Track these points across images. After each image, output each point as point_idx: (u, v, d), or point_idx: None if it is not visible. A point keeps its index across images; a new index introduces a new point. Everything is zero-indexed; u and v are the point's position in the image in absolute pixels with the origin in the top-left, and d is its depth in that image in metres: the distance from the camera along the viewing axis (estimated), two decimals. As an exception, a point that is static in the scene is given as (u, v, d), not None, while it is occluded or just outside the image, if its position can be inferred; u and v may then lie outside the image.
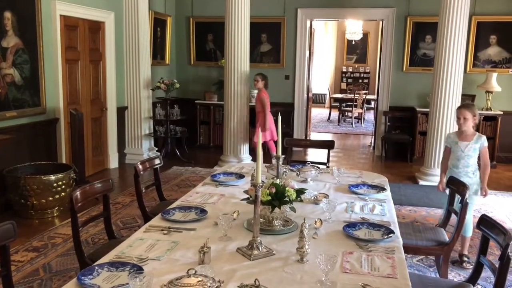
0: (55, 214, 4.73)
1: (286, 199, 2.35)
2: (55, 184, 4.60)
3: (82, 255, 2.56)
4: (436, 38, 6.14)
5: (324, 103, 15.19)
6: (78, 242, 2.56)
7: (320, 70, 14.75)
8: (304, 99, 8.18)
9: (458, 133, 3.76)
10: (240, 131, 6.70)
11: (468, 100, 7.09)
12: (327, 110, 13.39)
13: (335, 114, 12.67)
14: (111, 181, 2.92)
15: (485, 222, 2.39)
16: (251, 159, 6.76)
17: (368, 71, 15.20)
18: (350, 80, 15.28)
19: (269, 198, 2.31)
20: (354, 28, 13.06)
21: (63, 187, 4.67)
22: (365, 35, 14.57)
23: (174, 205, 2.80)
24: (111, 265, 1.97)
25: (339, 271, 1.97)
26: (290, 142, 4.60)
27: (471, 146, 3.65)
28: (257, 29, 7.63)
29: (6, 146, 4.65)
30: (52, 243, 4.04)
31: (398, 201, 5.29)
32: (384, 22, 7.79)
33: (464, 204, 2.98)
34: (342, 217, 2.65)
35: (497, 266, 2.21)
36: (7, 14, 4.68)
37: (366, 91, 12.67)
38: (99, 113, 6.48)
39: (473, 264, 2.61)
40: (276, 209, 2.36)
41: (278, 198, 2.33)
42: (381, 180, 3.51)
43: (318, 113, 13.71)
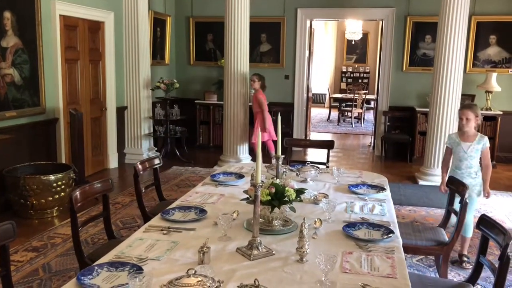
0: (54, 214, 4.73)
1: (286, 199, 2.35)
2: (54, 184, 4.60)
3: (82, 255, 2.56)
4: (436, 38, 6.14)
5: (324, 103, 15.19)
6: (78, 242, 2.55)
7: (320, 70, 14.75)
8: (303, 99, 8.18)
9: (460, 134, 3.72)
10: (239, 131, 6.70)
11: (468, 100, 7.09)
12: (327, 110, 13.40)
13: (334, 114, 12.68)
14: (110, 181, 2.91)
15: (484, 222, 2.39)
16: (250, 159, 6.76)
17: (368, 71, 15.20)
18: (349, 80, 15.28)
19: (268, 198, 2.31)
20: (354, 28, 13.07)
21: (63, 187, 4.67)
22: (365, 35, 14.58)
23: (173, 205, 2.80)
24: (110, 265, 1.96)
25: (339, 271, 1.97)
26: (289, 142, 4.60)
27: (474, 146, 3.62)
28: (256, 29, 7.63)
29: (5, 146, 4.64)
30: (51, 243, 4.04)
31: (398, 201, 5.29)
32: (384, 22, 7.79)
33: (464, 204, 2.97)
34: (342, 217, 2.65)
35: (496, 266, 2.21)
36: (7, 14, 4.68)
37: (365, 91, 12.68)
38: (99, 113, 6.48)
39: (473, 264, 2.61)
40: (276, 209, 2.36)
41: (277, 198, 2.33)
42: (381, 180, 3.51)
43: (318, 113, 13.72)
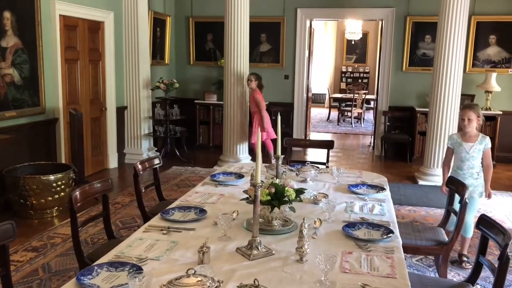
0: (54, 214, 4.73)
1: (286, 199, 2.35)
2: (54, 184, 4.60)
3: (82, 255, 2.56)
4: (435, 38, 6.15)
5: (324, 103, 15.19)
6: (78, 242, 2.55)
7: (320, 70, 14.75)
8: (303, 99, 8.18)
9: (462, 134, 3.69)
10: (239, 131, 6.70)
11: (467, 100, 7.09)
12: (327, 110, 13.40)
13: (334, 114, 12.68)
14: (110, 181, 2.91)
15: (484, 222, 2.39)
16: (250, 159, 6.77)
17: (368, 71, 15.20)
18: (349, 80, 15.28)
19: (268, 198, 2.31)
20: (354, 28, 13.06)
21: (63, 187, 4.67)
22: (365, 35, 14.58)
23: (173, 205, 2.80)
24: (110, 265, 1.96)
25: (339, 271, 1.97)
26: (289, 142, 4.60)
27: (476, 147, 3.60)
28: (256, 29, 7.63)
29: (5, 146, 4.64)
30: (51, 243, 4.04)
31: (398, 201, 5.29)
32: (383, 22, 7.79)
33: (464, 204, 2.97)
34: (342, 217, 2.65)
35: (496, 266, 2.21)
36: (7, 14, 4.68)
37: (365, 91, 12.67)
38: (99, 113, 6.48)
39: (473, 264, 2.61)
40: (276, 209, 2.36)
41: (277, 198, 2.33)
42: (381, 180, 3.51)
43: (318, 113, 13.72)
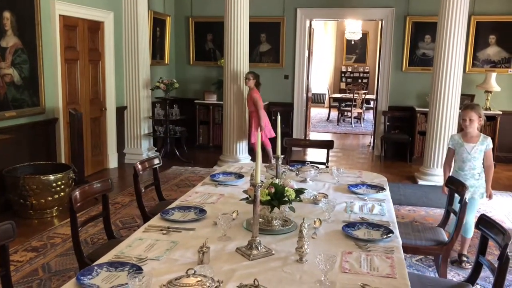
0: (54, 214, 4.73)
1: (285, 199, 2.35)
2: (54, 184, 4.60)
3: (81, 255, 2.56)
4: (435, 38, 6.14)
5: (324, 103, 15.19)
6: (77, 242, 2.55)
7: (320, 70, 14.74)
8: (303, 99, 8.18)
9: (463, 135, 3.67)
10: (239, 131, 6.70)
11: (467, 100, 7.10)
12: (327, 110, 13.40)
13: (334, 114, 12.67)
14: (110, 181, 2.91)
15: (484, 221, 2.39)
16: (250, 159, 6.76)
17: (368, 71, 15.20)
18: (349, 80, 15.28)
19: (268, 198, 2.31)
20: (354, 28, 13.06)
21: (62, 187, 4.67)
22: (365, 35, 14.58)
23: (173, 205, 2.80)
24: (110, 265, 1.96)
25: (338, 271, 1.97)
26: (289, 142, 4.60)
27: (477, 148, 3.58)
28: (256, 29, 7.63)
29: (5, 146, 4.64)
30: (51, 243, 4.04)
31: (397, 201, 5.29)
32: (383, 22, 7.79)
33: (464, 204, 2.97)
34: (341, 217, 2.65)
35: (496, 266, 2.21)
36: (6, 14, 4.68)
37: (365, 91, 12.67)
38: (99, 113, 6.48)
39: (472, 264, 2.61)
40: (275, 209, 2.36)
41: (277, 198, 2.33)
42: (381, 180, 3.51)
43: (318, 113, 13.72)
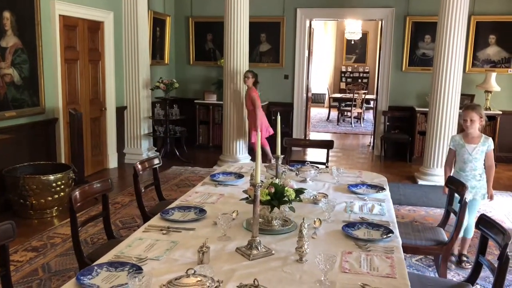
0: (54, 214, 4.73)
1: (285, 199, 2.35)
2: (54, 184, 4.60)
3: (81, 255, 2.56)
4: (435, 37, 6.14)
5: (323, 103, 15.19)
6: (77, 242, 2.55)
7: (319, 69, 14.74)
8: (303, 98, 8.18)
9: (464, 136, 3.64)
10: (239, 131, 6.70)
11: (467, 100, 7.10)
12: (326, 110, 13.40)
13: (334, 114, 12.67)
14: (110, 181, 2.91)
15: (484, 221, 2.39)
16: (250, 159, 6.76)
17: (367, 70, 15.20)
18: (349, 80, 15.28)
19: (268, 198, 2.31)
20: (354, 27, 13.06)
21: (62, 187, 4.67)
22: (364, 35, 14.57)
23: (173, 205, 2.80)
24: (110, 265, 1.96)
25: (338, 270, 1.97)
26: (289, 142, 4.60)
27: (479, 148, 3.56)
28: (256, 28, 7.63)
29: (5, 146, 4.64)
30: (51, 243, 4.04)
31: (397, 200, 5.29)
32: (383, 22, 7.79)
33: (463, 203, 2.97)
34: (341, 216, 2.65)
35: (496, 265, 2.21)
36: (6, 14, 4.68)
37: (365, 91, 12.67)
38: (98, 113, 6.48)
39: (472, 263, 2.61)
40: (275, 209, 2.36)
41: (277, 198, 2.33)
42: (380, 179, 3.51)
43: (317, 112, 13.72)
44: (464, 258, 3.75)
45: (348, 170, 3.88)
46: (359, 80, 15.02)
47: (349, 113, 12.08)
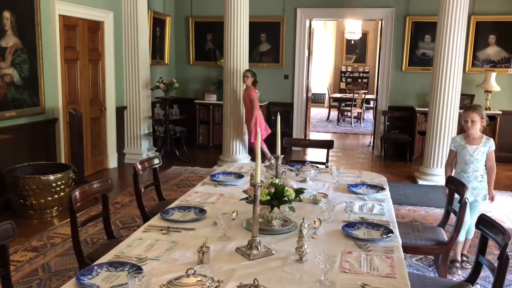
0: (54, 214, 4.73)
1: (285, 198, 2.35)
2: (54, 184, 4.60)
3: (81, 255, 2.56)
4: (435, 37, 6.14)
5: (323, 102, 15.19)
6: (77, 242, 2.55)
7: (319, 69, 14.74)
8: (303, 98, 8.17)
9: (465, 136, 3.62)
10: (239, 131, 6.69)
11: (467, 100, 7.10)
12: (326, 110, 13.39)
13: (334, 113, 12.67)
14: (110, 181, 2.91)
15: (484, 221, 2.39)
16: (250, 159, 6.76)
17: (367, 70, 15.20)
18: (349, 80, 15.28)
19: (268, 198, 2.31)
20: (353, 27, 13.06)
21: (62, 187, 4.67)
22: (364, 35, 14.57)
23: (173, 205, 2.80)
24: (110, 265, 1.97)
25: (338, 270, 1.97)
26: (289, 142, 4.60)
27: (480, 149, 3.53)
28: (256, 28, 7.63)
29: (5, 146, 4.64)
30: (51, 243, 4.04)
31: (397, 200, 5.29)
32: (383, 21, 7.79)
33: (463, 203, 2.97)
34: (341, 216, 2.65)
35: (496, 265, 2.21)
36: (6, 14, 4.68)
37: (365, 91, 12.67)
38: (98, 113, 6.48)
39: (472, 263, 2.61)
40: (275, 209, 2.36)
41: (277, 198, 2.33)
42: (380, 179, 3.51)
43: (317, 112, 13.71)
44: (464, 258, 3.75)
45: (348, 170, 3.88)
46: (359, 80, 15.02)
47: (349, 113, 12.08)
